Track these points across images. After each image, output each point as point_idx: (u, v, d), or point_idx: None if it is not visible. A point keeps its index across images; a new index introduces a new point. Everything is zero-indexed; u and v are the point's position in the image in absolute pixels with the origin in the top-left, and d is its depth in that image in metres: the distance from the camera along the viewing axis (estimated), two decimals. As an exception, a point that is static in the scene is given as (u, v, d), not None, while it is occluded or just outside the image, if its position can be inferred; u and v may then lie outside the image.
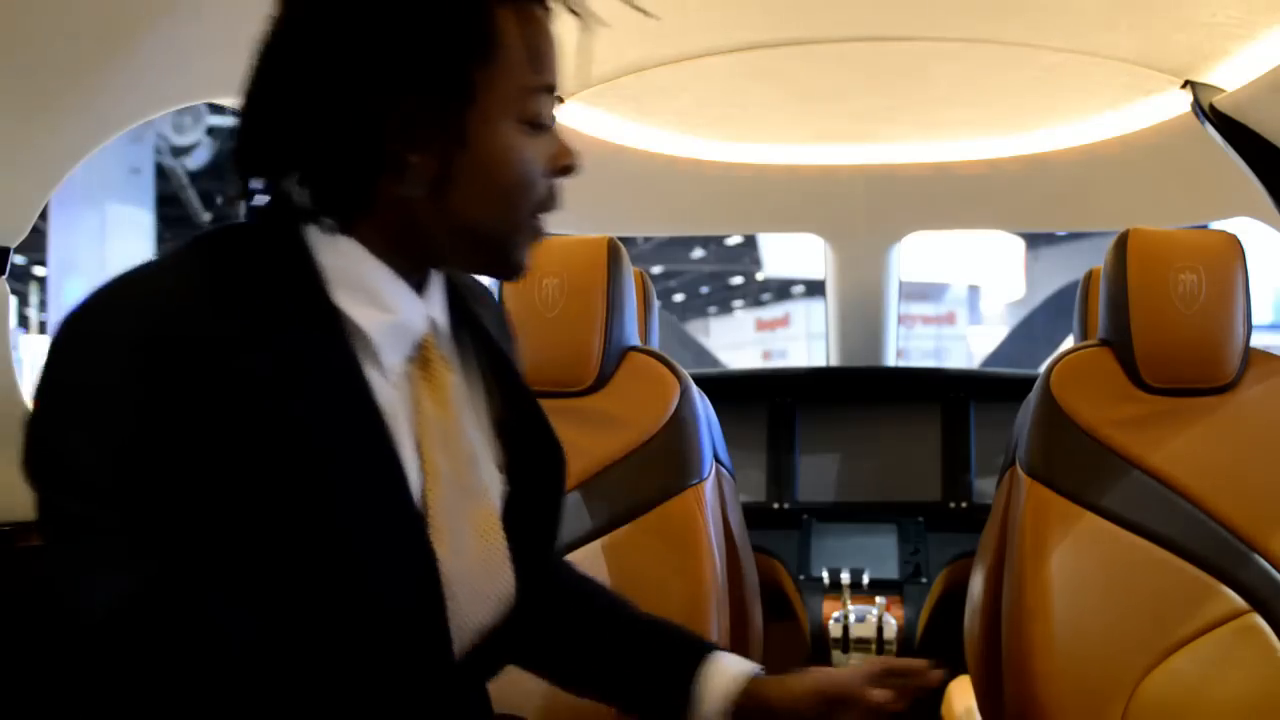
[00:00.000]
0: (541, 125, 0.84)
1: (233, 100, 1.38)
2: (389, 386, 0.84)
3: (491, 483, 0.91)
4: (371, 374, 0.82)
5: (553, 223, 0.94)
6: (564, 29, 0.88)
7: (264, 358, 0.75)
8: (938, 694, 1.95)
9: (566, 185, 0.91)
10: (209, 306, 0.74)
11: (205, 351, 0.72)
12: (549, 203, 0.87)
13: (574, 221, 2.09)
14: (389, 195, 0.81)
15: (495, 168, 0.82)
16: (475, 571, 0.86)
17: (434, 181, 0.80)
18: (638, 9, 0.90)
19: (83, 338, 0.73)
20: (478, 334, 0.95)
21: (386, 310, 0.83)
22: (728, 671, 0.98)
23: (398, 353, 0.84)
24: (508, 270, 0.87)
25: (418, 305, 0.85)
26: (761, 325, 18.51)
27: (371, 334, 0.82)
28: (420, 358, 0.86)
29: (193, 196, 12.40)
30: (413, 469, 0.83)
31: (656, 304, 1.97)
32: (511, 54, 0.81)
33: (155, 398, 0.71)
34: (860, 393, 2.44)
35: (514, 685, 1.02)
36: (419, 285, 0.87)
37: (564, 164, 0.86)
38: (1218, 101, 1.63)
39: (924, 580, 2.15)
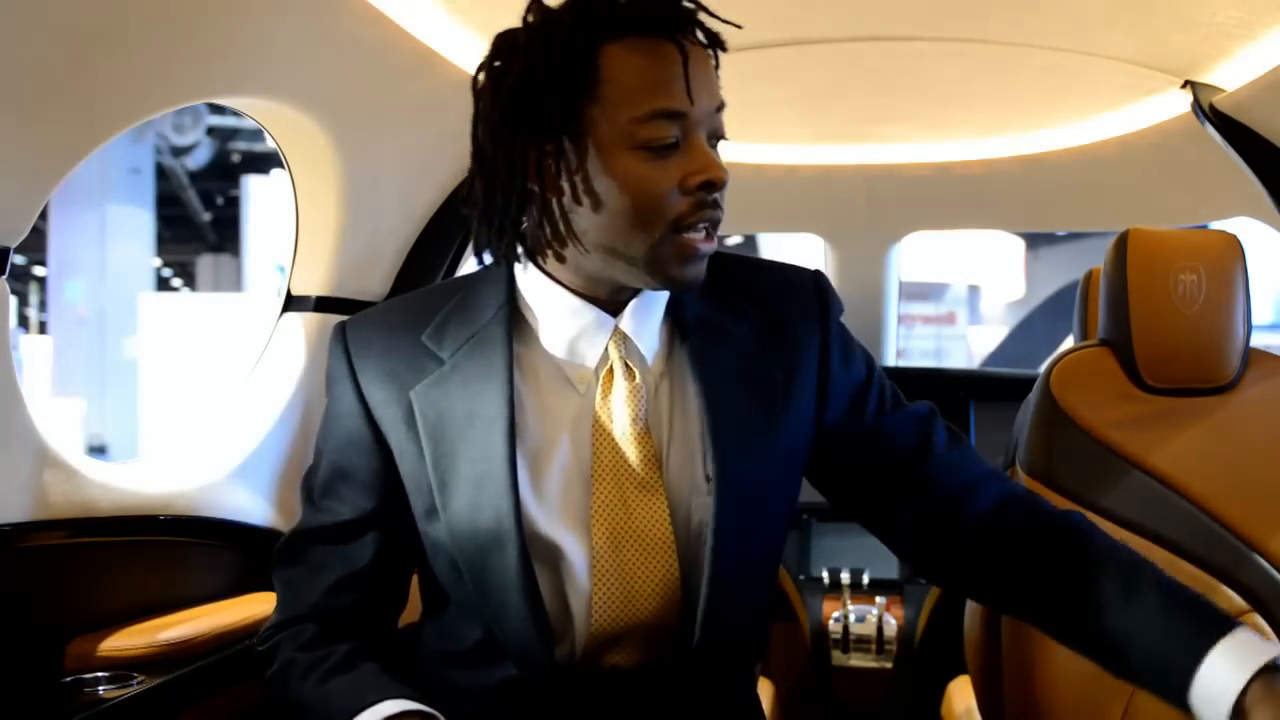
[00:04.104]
0: (664, 147, 0.90)
1: (232, 100, 1.38)
2: (577, 396, 0.99)
3: (683, 483, 0.99)
4: (554, 383, 0.99)
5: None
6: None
7: (442, 358, 0.98)
8: (938, 694, 1.95)
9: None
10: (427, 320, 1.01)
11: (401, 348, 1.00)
12: (689, 218, 0.91)
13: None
14: (547, 230, 0.95)
15: (617, 195, 0.90)
16: (635, 563, 0.97)
17: (570, 216, 0.93)
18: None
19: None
20: (736, 348, 1.01)
21: (566, 331, 0.98)
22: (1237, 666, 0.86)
23: (585, 366, 0.99)
24: (670, 284, 0.95)
25: (603, 324, 0.98)
26: (761, 325, 18.41)
27: (553, 350, 0.99)
28: (607, 369, 0.99)
29: (193, 196, 12.40)
30: (577, 469, 0.98)
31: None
32: (617, 88, 0.89)
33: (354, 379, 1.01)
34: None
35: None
36: (616, 304, 0.99)
37: (698, 181, 0.90)
38: (1218, 101, 1.63)
39: (924, 580, 2.15)
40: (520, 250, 0.98)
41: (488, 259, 1.00)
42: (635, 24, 0.89)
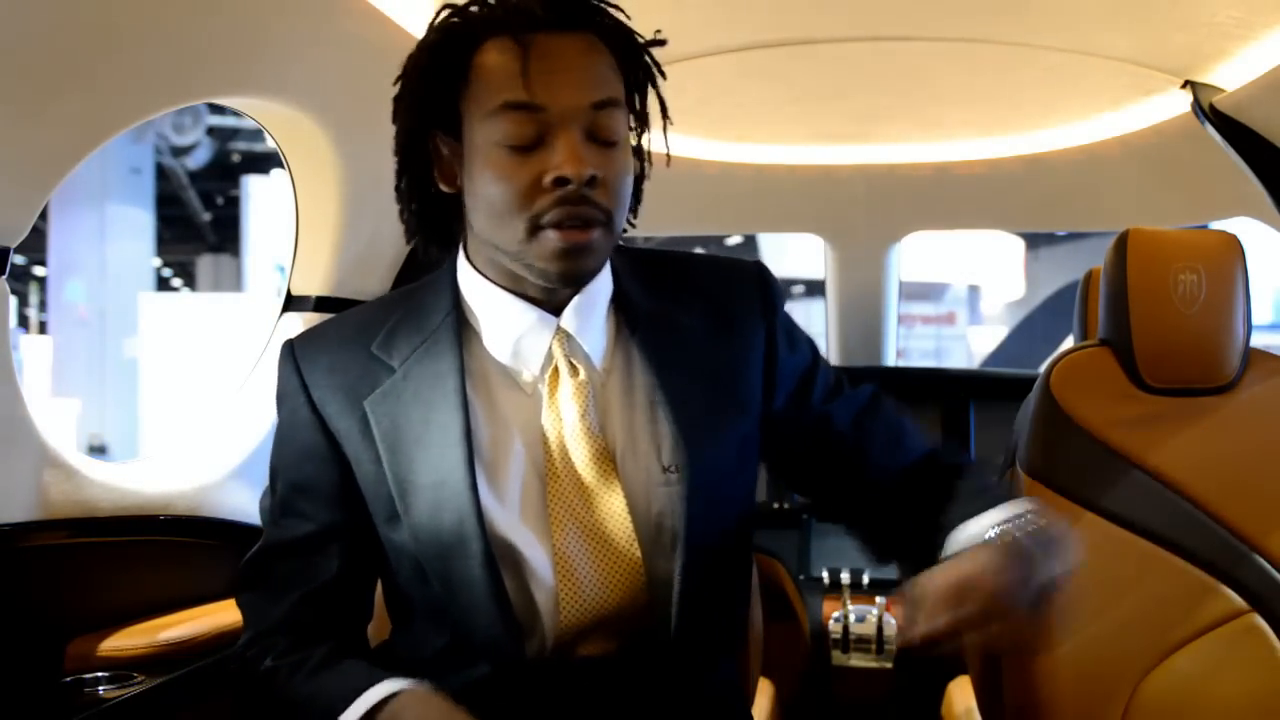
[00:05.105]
0: (524, 142, 0.91)
1: (232, 100, 1.38)
2: (525, 397, 1.00)
3: (639, 475, 1.00)
4: (503, 384, 1.00)
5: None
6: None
7: (394, 367, 0.99)
8: (938, 694, 1.95)
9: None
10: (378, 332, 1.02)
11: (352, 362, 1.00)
12: (548, 213, 0.92)
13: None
14: (464, 227, 1.00)
15: (484, 189, 0.93)
16: (598, 557, 0.98)
17: (467, 210, 0.97)
18: None
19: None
20: (683, 338, 1.03)
21: (509, 332, 0.99)
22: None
23: (531, 367, 1.00)
24: (546, 279, 0.96)
25: (545, 324, 0.99)
26: (761, 325, 18.42)
27: (498, 353, 1.00)
28: (553, 369, 0.99)
29: (193, 196, 12.40)
30: (533, 470, 0.98)
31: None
32: (479, 83, 0.93)
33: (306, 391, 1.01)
34: (860, 393, 2.44)
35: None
36: (557, 304, 0.99)
37: (552, 176, 0.91)
38: (1218, 101, 1.63)
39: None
40: (424, 244, 1.04)
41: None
42: (507, 23, 0.92)
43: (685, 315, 1.04)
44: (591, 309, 1.01)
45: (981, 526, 0.95)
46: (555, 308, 1.00)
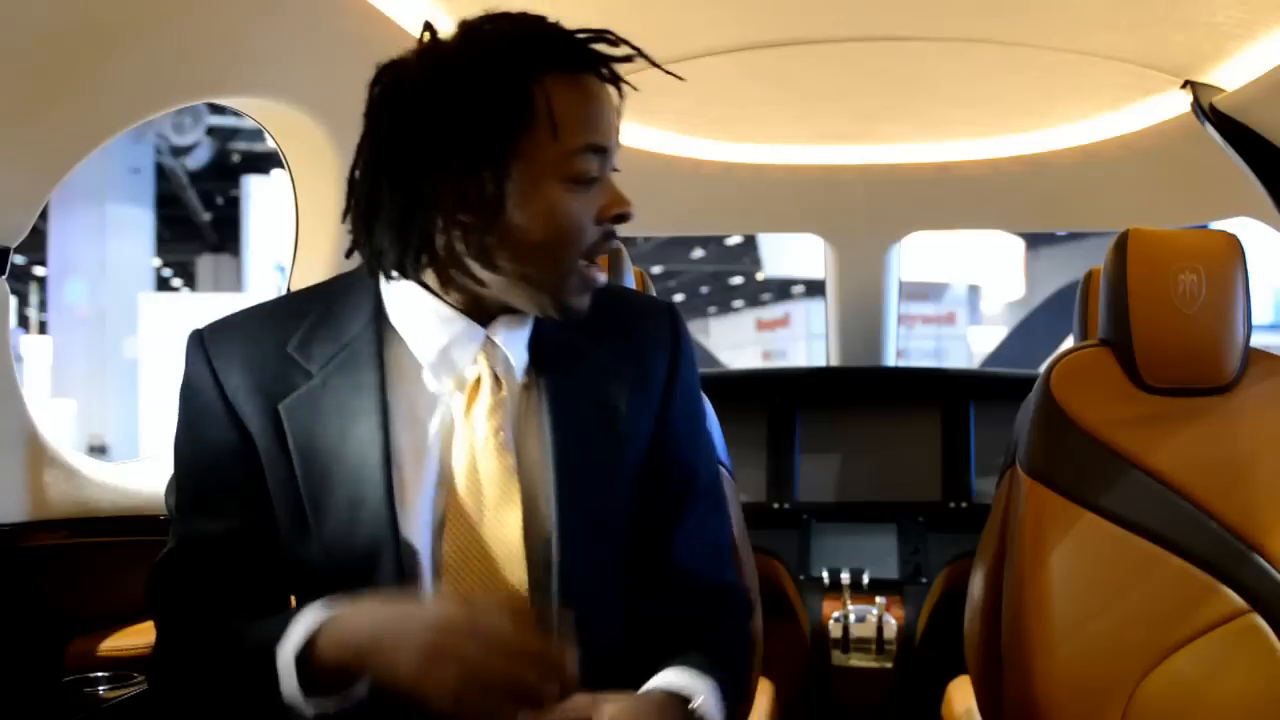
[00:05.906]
0: (588, 180, 0.92)
1: (232, 100, 1.38)
2: (442, 406, 0.98)
3: (539, 499, 0.97)
4: (423, 395, 0.97)
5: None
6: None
7: (311, 371, 0.96)
8: (938, 694, 1.95)
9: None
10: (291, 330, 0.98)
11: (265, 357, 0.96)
12: (598, 249, 0.95)
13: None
14: (447, 251, 0.93)
15: (539, 225, 0.92)
16: (481, 576, 0.96)
17: (482, 240, 0.92)
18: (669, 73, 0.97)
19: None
20: (591, 368, 1.02)
21: (437, 340, 0.97)
22: None
23: (449, 376, 0.97)
24: (562, 312, 0.96)
25: (474, 335, 0.97)
26: (761, 325, 18.51)
27: (424, 361, 0.97)
28: (474, 382, 0.97)
29: (193, 196, 12.40)
30: (440, 484, 0.96)
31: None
32: (549, 121, 0.90)
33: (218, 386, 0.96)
34: (860, 393, 2.44)
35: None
36: (487, 318, 0.98)
37: (614, 214, 0.94)
38: (1218, 101, 1.63)
39: (924, 580, 2.15)
40: (418, 267, 0.95)
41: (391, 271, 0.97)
42: (565, 60, 0.91)
43: (593, 344, 1.03)
44: (520, 324, 1.00)
45: (666, 682, 0.94)
46: (484, 320, 0.98)
